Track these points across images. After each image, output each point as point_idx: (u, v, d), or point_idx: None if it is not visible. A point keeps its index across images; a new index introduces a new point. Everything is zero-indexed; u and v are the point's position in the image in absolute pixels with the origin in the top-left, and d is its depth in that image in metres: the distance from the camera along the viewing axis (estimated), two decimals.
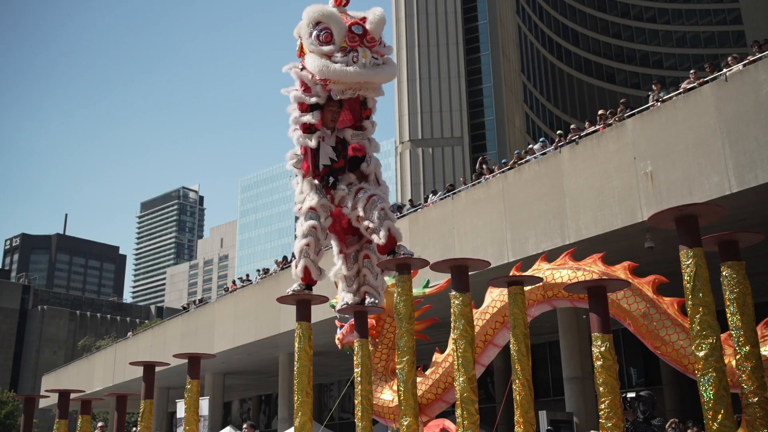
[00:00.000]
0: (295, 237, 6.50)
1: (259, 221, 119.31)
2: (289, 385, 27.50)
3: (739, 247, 4.25)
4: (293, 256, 6.59)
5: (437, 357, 8.14)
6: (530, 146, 18.98)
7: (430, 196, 21.08)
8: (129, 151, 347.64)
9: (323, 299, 5.70)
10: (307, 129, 6.34)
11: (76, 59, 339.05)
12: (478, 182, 18.64)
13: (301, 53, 6.56)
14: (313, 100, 6.29)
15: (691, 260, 3.98)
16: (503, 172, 17.83)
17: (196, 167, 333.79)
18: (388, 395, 7.87)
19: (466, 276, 4.90)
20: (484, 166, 18.85)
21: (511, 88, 53.35)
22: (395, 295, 5.19)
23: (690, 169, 13.74)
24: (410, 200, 24.77)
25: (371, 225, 6.05)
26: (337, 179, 6.38)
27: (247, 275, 30.38)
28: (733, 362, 4.43)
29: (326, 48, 6.19)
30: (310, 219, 6.23)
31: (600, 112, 16.90)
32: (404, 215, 19.90)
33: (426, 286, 8.76)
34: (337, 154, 6.37)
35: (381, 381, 8.01)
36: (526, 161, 17.33)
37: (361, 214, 6.13)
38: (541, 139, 19.06)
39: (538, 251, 15.84)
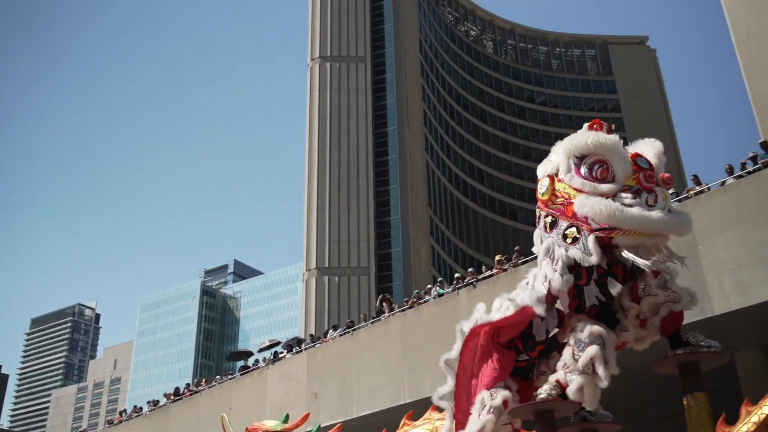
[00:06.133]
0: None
1: (157, 343, 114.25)
2: None
3: None
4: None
5: None
6: (429, 286, 19.27)
7: (330, 331, 20.88)
8: (23, 265, 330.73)
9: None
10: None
11: None
12: (378, 320, 18.66)
13: (551, 198, 5.27)
14: (594, 260, 4.74)
15: None
16: (403, 310, 17.95)
17: (95, 284, 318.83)
18: None
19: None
20: (384, 304, 18.94)
21: (418, 221, 54.74)
22: None
23: None
24: (311, 335, 24.41)
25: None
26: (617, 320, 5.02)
27: (136, 407, 28.65)
28: None
29: (604, 187, 4.76)
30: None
31: (497, 257, 17.48)
32: (302, 350, 19.55)
33: (317, 430, 8.41)
34: (604, 294, 5.03)
35: None
36: (425, 301, 17.54)
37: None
38: (439, 279, 19.42)
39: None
